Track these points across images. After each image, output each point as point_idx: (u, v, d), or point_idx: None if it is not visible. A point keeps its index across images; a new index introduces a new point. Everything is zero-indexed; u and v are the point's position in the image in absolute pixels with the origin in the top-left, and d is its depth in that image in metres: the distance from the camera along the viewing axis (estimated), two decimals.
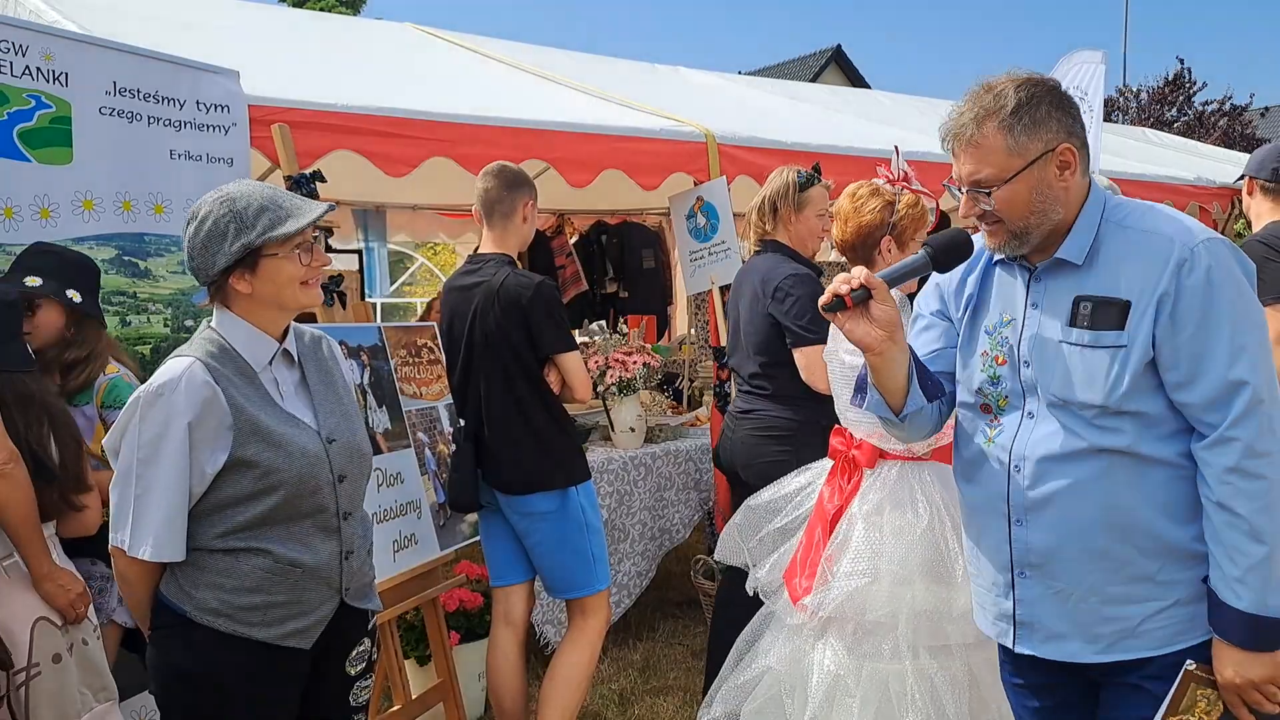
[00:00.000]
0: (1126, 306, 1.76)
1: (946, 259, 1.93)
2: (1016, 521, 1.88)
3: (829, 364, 2.84)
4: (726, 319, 4.10)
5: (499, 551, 3.40)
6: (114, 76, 3.22)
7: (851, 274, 1.86)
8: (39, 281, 2.77)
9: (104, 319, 2.99)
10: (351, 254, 7.47)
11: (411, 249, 11.11)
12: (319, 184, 3.61)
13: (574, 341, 3.36)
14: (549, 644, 4.17)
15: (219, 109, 3.53)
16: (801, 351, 3.25)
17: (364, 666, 2.27)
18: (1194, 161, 8.41)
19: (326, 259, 2.17)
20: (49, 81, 3.05)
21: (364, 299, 7.40)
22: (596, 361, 4.56)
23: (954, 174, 1.87)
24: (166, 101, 3.38)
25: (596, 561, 3.31)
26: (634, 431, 4.66)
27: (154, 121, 3.35)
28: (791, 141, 5.29)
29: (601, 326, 7.31)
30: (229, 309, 2.08)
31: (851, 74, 26.34)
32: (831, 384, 2.85)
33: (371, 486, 2.48)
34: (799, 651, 2.67)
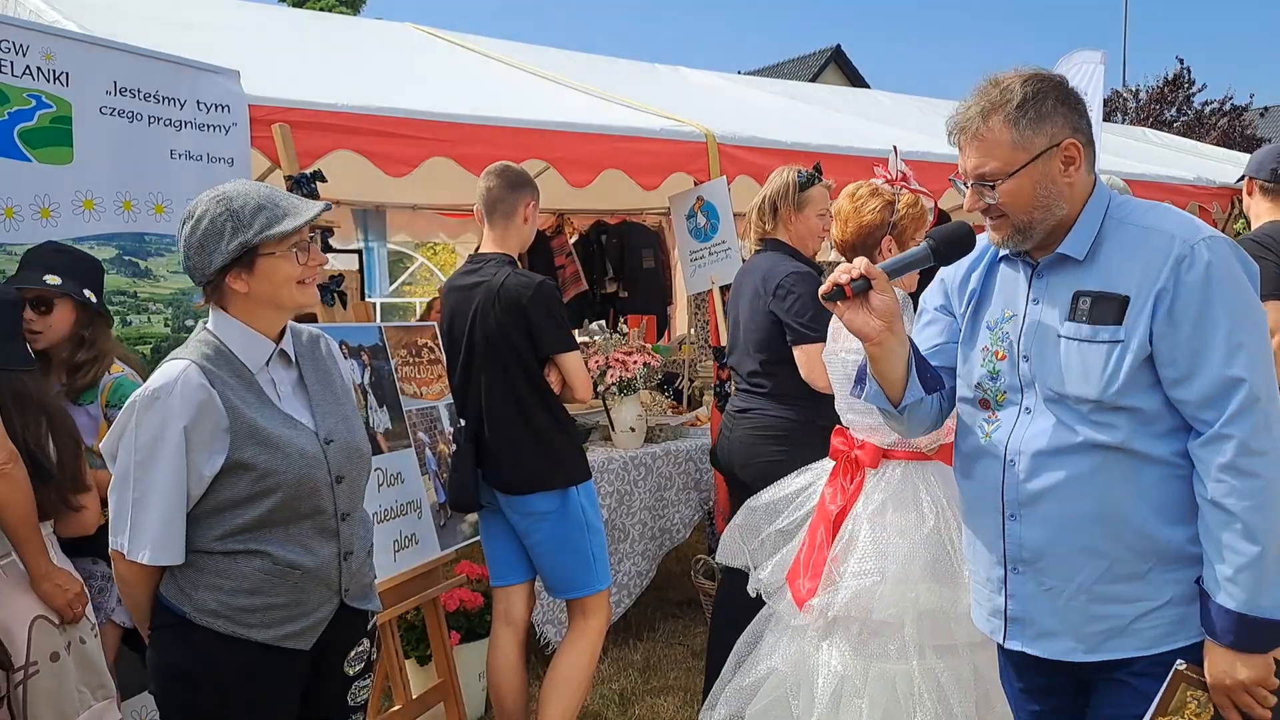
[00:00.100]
0: (1125, 301, 1.76)
1: (948, 251, 1.94)
2: (1010, 516, 1.89)
3: (829, 364, 2.84)
4: (726, 318, 4.10)
5: (499, 551, 3.40)
6: (114, 76, 3.22)
7: (852, 264, 1.86)
8: (59, 280, 2.77)
9: (111, 318, 3.00)
10: (351, 254, 7.47)
11: (411, 249, 11.12)
12: (319, 184, 3.61)
13: (574, 341, 3.36)
14: (549, 644, 4.17)
15: (219, 109, 3.53)
16: (802, 349, 3.25)
17: (363, 666, 2.27)
18: (1194, 161, 8.39)
19: (323, 258, 2.16)
20: (49, 81, 3.05)
21: (364, 299, 7.40)
22: (597, 361, 4.56)
23: (960, 168, 1.88)
24: (167, 101, 3.38)
25: (597, 561, 3.31)
26: (634, 431, 4.66)
27: (154, 121, 3.35)
28: (791, 141, 5.28)
29: (601, 326, 7.32)
30: (225, 310, 2.08)
31: (851, 74, 26.33)
32: (832, 384, 2.85)
33: (372, 486, 2.48)
34: (803, 653, 2.66)
